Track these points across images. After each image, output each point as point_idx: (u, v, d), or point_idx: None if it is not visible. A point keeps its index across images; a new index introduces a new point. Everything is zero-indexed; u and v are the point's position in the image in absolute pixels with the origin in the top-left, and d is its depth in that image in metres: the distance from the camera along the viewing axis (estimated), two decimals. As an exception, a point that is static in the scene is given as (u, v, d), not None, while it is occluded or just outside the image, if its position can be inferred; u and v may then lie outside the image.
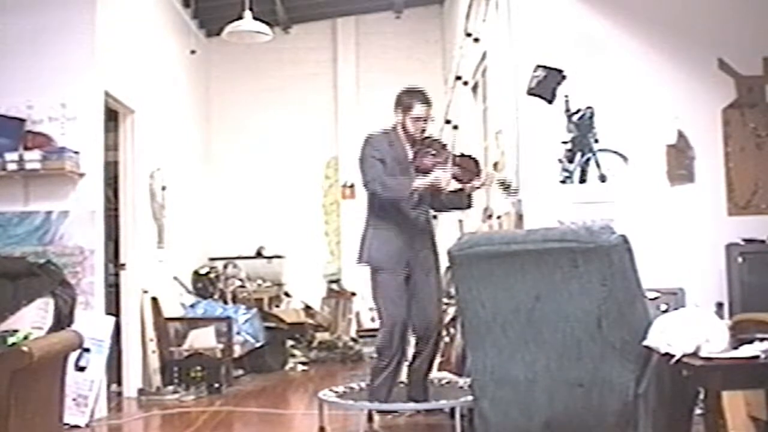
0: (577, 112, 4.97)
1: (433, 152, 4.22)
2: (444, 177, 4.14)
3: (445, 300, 4.87)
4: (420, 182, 4.18)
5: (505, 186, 4.33)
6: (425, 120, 4.32)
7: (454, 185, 4.21)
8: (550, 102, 4.94)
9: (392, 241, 4.27)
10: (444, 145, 4.37)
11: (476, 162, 4.30)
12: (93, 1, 5.35)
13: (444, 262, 4.07)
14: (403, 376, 4.45)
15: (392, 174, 4.25)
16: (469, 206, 4.44)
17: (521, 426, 3.19)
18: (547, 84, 4.93)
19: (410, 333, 4.40)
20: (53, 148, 5.13)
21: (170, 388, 6.04)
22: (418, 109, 4.29)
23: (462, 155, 4.33)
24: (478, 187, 4.29)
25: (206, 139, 9.00)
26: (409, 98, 4.33)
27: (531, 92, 4.95)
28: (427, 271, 4.31)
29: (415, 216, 4.32)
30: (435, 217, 4.68)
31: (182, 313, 7.15)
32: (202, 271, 8.00)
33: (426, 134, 4.35)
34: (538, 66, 4.94)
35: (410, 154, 4.29)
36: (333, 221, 9.21)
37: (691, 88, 5.02)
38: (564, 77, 4.94)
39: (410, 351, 4.46)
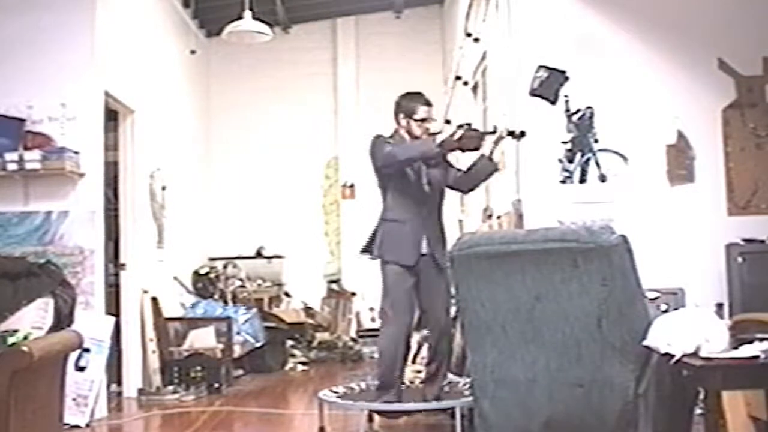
0: (577, 112, 4.97)
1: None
2: (466, 133, 4.12)
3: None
4: (445, 137, 4.13)
5: (514, 134, 4.28)
6: (429, 120, 4.35)
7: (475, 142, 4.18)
8: (552, 103, 4.92)
9: (404, 235, 4.24)
10: (453, 134, 4.32)
11: (475, 129, 4.26)
12: (93, 1, 5.35)
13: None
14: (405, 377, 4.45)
15: (403, 173, 4.25)
16: (495, 169, 4.42)
17: (521, 426, 3.19)
18: (549, 85, 4.91)
19: (421, 332, 4.39)
20: (53, 148, 5.13)
21: (170, 388, 6.04)
22: (422, 111, 4.32)
23: (465, 130, 4.27)
24: (495, 143, 4.28)
25: (206, 139, 8.99)
26: (410, 102, 4.36)
27: (533, 93, 4.93)
28: (439, 270, 4.27)
29: (427, 212, 4.31)
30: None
31: (182, 313, 7.16)
32: (202, 271, 8.00)
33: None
34: (541, 66, 4.92)
35: None
36: (333, 221, 9.21)
37: (691, 88, 5.02)
38: (567, 78, 4.91)
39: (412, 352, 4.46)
